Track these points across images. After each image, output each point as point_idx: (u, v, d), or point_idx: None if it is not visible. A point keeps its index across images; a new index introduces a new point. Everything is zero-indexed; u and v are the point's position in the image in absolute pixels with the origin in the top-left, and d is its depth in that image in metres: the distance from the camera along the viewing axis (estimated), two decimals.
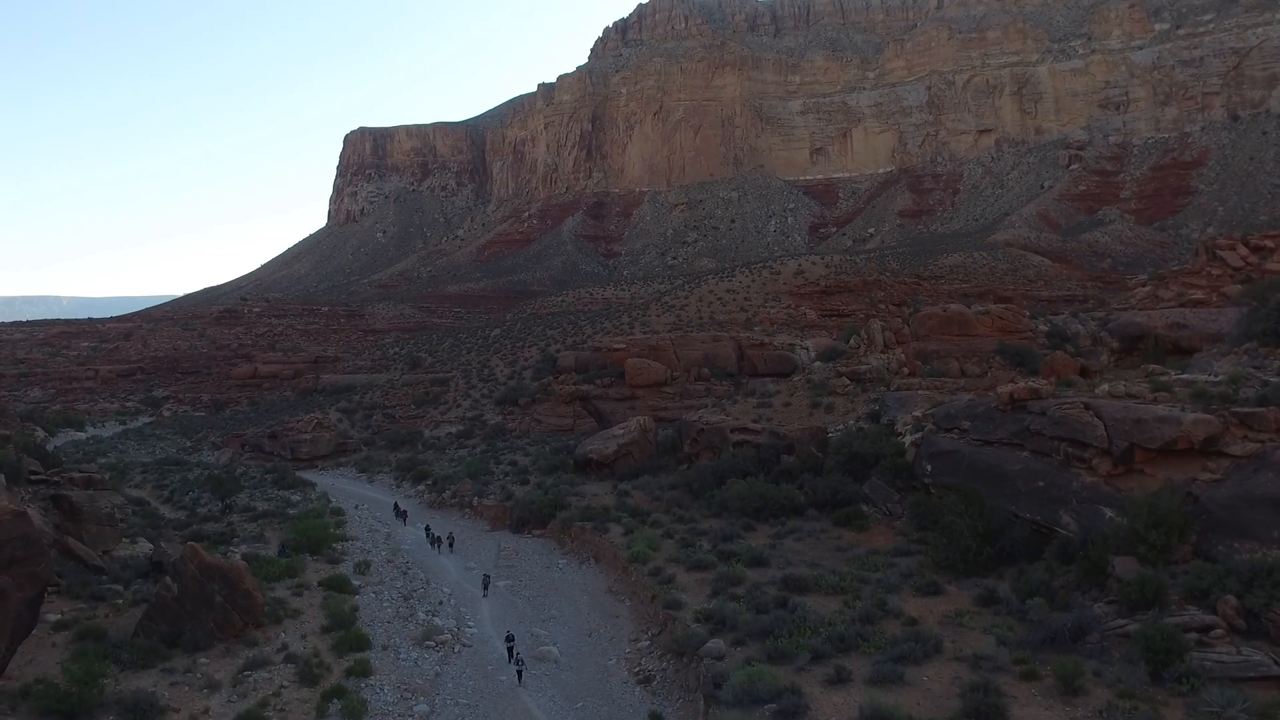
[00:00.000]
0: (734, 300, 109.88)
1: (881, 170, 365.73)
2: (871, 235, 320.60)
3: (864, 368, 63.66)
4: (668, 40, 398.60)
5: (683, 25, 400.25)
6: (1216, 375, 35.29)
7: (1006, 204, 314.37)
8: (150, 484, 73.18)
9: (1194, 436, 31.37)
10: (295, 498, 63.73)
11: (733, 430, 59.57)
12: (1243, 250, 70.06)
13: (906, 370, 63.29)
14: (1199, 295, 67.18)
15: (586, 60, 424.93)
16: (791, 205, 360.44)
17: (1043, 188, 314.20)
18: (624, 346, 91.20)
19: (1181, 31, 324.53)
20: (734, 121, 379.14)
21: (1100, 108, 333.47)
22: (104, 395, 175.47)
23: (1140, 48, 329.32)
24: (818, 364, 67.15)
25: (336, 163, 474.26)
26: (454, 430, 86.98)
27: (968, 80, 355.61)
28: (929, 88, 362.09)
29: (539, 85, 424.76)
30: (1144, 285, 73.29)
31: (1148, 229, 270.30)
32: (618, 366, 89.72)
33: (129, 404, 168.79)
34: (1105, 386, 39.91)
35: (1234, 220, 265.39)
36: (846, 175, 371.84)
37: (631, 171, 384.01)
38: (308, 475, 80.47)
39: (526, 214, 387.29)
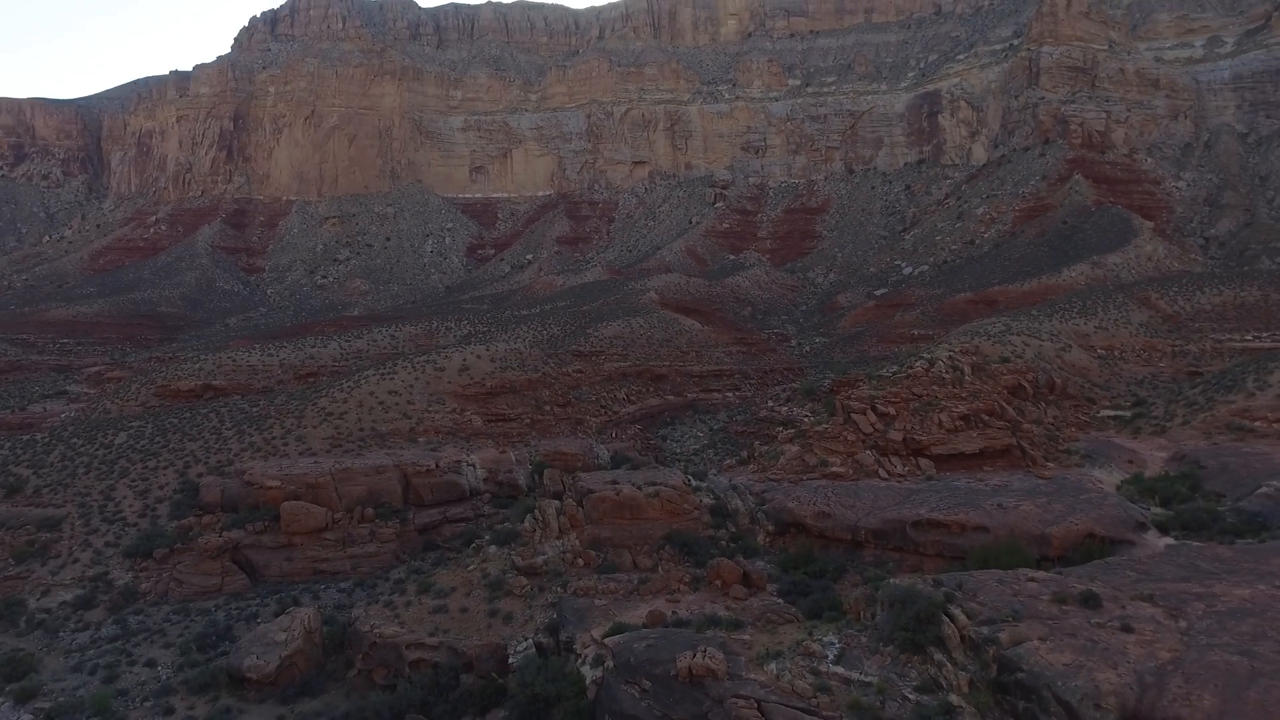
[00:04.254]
0: (396, 405, 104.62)
1: (541, 193, 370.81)
2: (529, 262, 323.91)
3: (540, 559, 62.59)
4: (323, 40, 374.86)
5: (339, 26, 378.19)
6: (867, 677, 37.99)
7: (658, 236, 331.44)
8: None
9: None
10: None
11: (408, 646, 56.42)
12: (872, 417, 77.89)
13: (581, 561, 63.18)
14: (837, 466, 73.59)
15: (230, 51, 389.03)
16: (450, 225, 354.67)
17: (691, 222, 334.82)
18: (279, 484, 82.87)
19: (810, 89, 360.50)
20: (392, 133, 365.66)
21: (742, 150, 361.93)
22: None
23: (776, 99, 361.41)
24: (493, 549, 65.04)
25: None
26: (70, 598, 74.07)
27: (625, 112, 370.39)
28: (589, 116, 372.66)
29: (172, 72, 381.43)
30: (791, 442, 79.18)
31: (781, 272, 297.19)
32: (272, 507, 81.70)
33: None
34: (773, 667, 41.36)
35: (850, 267, 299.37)
36: (506, 196, 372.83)
37: (279, 178, 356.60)
38: None
39: (154, 218, 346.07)
